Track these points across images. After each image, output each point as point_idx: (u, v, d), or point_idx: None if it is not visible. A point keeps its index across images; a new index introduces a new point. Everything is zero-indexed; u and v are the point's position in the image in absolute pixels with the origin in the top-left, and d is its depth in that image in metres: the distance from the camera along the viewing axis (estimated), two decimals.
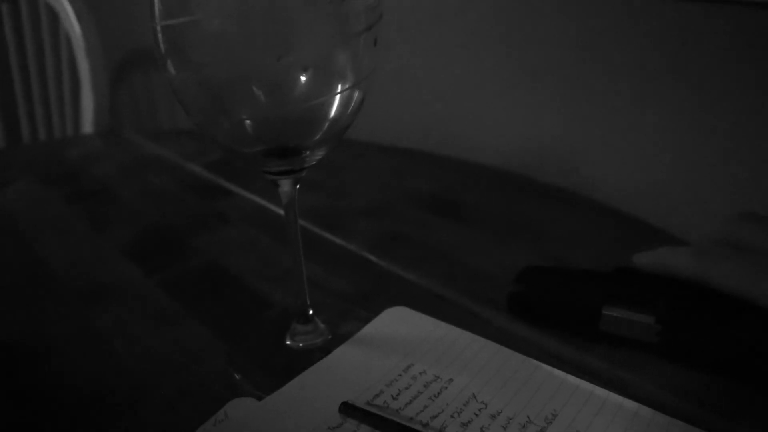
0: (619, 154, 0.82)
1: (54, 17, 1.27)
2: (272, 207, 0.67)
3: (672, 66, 0.74)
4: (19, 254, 0.62)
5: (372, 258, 0.58)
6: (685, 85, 0.73)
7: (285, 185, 0.40)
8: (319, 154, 0.38)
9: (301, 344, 0.45)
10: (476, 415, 0.38)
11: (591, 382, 0.41)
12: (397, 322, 0.47)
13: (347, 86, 0.35)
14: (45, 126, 1.41)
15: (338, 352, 0.44)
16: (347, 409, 0.38)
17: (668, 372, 0.43)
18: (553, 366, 0.42)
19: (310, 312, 0.45)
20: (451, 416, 0.38)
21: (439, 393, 0.40)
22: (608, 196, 0.78)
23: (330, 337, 0.46)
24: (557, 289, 0.48)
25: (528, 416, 0.38)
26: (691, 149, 0.75)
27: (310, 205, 0.66)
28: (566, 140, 0.87)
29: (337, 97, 0.35)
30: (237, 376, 0.43)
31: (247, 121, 0.36)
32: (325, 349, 0.44)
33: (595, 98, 0.82)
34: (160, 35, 0.35)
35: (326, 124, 0.36)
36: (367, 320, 0.47)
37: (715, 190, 0.75)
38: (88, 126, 1.20)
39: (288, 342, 0.45)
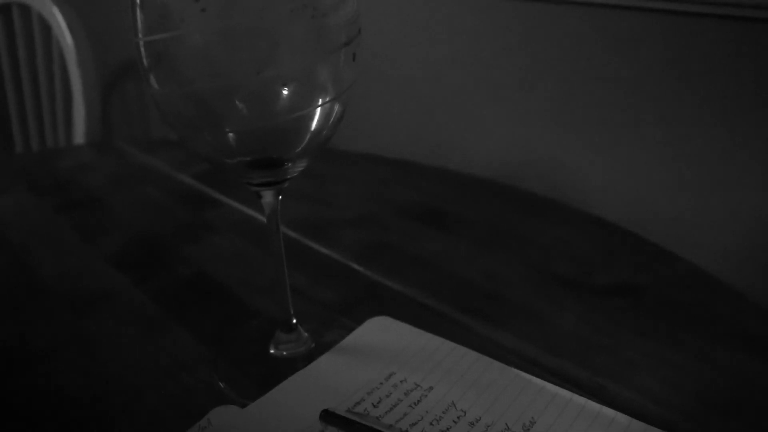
0: (604, 165, 0.83)
1: (46, 29, 1.28)
2: (259, 217, 0.68)
3: (659, 78, 0.75)
4: (9, 263, 0.62)
5: (357, 267, 0.58)
6: (672, 97, 0.74)
7: (267, 196, 0.40)
8: (301, 165, 0.39)
9: (284, 353, 0.46)
10: (455, 422, 0.39)
11: (570, 390, 0.41)
12: (380, 332, 0.47)
13: (328, 99, 0.36)
14: (37, 136, 1.41)
15: (321, 361, 0.44)
16: (328, 416, 0.38)
17: (648, 381, 0.43)
18: (533, 374, 0.43)
19: (294, 321, 0.46)
20: (431, 423, 0.38)
21: (419, 401, 0.40)
22: (593, 205, 0.78)
23: (313, 345, 0.46)
24: None
25: (506, 423, 0.38)
26: (678, 160, 0.76)
27: (296, 215, 0.67)
28: (552, 151, 0.88)
29: (318, 109, 0.36)
30: (221, 384, 0.44)
31: (230, 134, 0.37)
32: (308, 358, 0.45)
33: (582, 110, 0.83)
34: (142, 50, 0.35)
35: (308, 136, 0.37)
36: (350, 329, 0.48)
37: (701, 200, 0.76)
38: (79, 136, 1.20)
39: (272, 350, 0.46)
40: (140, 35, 0.35)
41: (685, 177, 0.76)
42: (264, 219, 0.42)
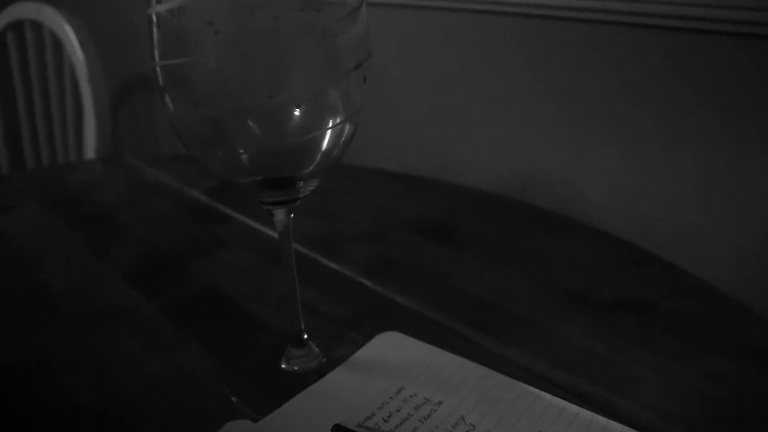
0: (610, 179, 0.84)
1: (58, 45, 1.29)
2: (269, 232, 0.69)
3: (664, 93, 0.76)
4: (22, 278, 0.63)
5: (366, 282, 0.59)
6: (677, 111, 0.75)
7: (279, 215, 0.41)
8: (312, 184, 0.40)
9: (295, 367, 0.46)
10: None
11: (577, 404, 0.42)
12: (389, 347, 0.48)
13: (339, 121, 0.37)
14: (48, 151, 1.43)
15: (332, 376, 0.45)
16: (339, 430, 0.39)
17: (654, 395, 0.44)
18: (540, 389, 0.43)
19: (305, 336, 0.47)
20: None
21: (428, 415, 0.41)
22: (599, 220, 0.79)
23: (324, 360, 0.47)
24: None
25: None
26: (684, 174, 0.77)
27: (305, 230, 0.68)
28: (558, 165, 0.88)
29: (329, 131, 0.37)
30: (233, 399, 0.44)
31: (243, 154, 0.37)
32: (319, 373, 0.45)
33: (588, 125, 0.84)
34: (159, 72, 0.36)
35: (319, 156, 0.38)
36: (360, 344, 0.48)
37: (706, 214, 0.76)
38: (90, 151, 1.21)
39: (283, 365, 0.47)
40: (156, 59, 0.35)
41: (690, 191, 0.76)
42: (274, 234, 0.43)
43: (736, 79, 0.70)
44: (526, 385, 0.43)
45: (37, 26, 1.33)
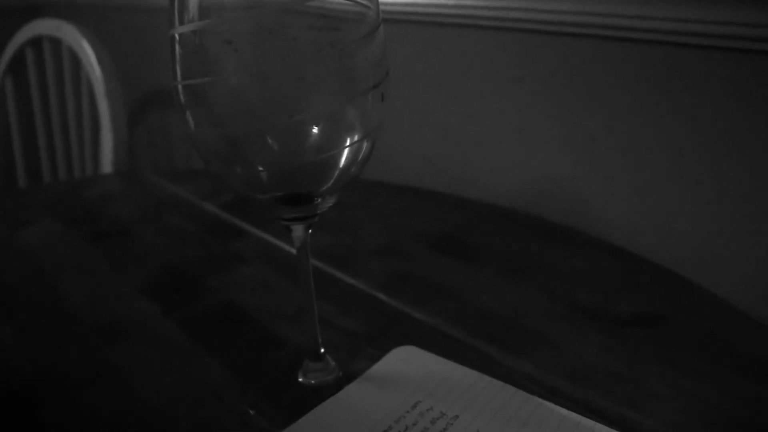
0: (624, 194, 0.84)
1: (76, 62, 1.31)
2: (286, 247, 0.69)
3: (679, 109, 0.76)
4: (40, 292, 0.64)
5: (382, 297, 0.60)
6: (691, 127, 0.75)
7: (298, 230, 0.42)
8: (330, 201, 0.40)
9: (312, 381, 0.47)
10: None
11: (592, 419, 0.42)
12: (406, 361, 0.48)
13: (356, 139, 0.37)
14: (65, 166, 1.45)
15: (349, 389, 0.45)
16: None
17: (671, 411, 0.44)
18: (556, 403, 0.43)
19: (322, 350, 0.47)
20: None
21: (445, 429, 0.41)
22: (614, 235, 0.79)
23: (341, 374, 0.47)
24: None
25: None
26: (698, 191, 0.77)
27: (321, 245, 0.68)
28: (573, 180, 0.89)
29: (347, 149, 0.38)
30: (251, 412, 0.45)
31: (261, 171, 0.38)
32: (336, 386, 0.46)
33: (602, 139, 0.84)
34: (180, 90, 0.37)
35: (336, 174, 0.39)
36: (376, 358, 0.49)
37: (720, 230, 0.76)
38: (107, 166, 1.23)
39: (300, 379, 0.47)
40: (179, 79, 0.36)
41: (704, 207, 0.76)
42: (291, 249, 0.44)
43: (755, 97, 0.70)
44: (541, 400, 0.44)
45: (56, 42, 1.35)
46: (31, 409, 0.47)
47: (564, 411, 0.43)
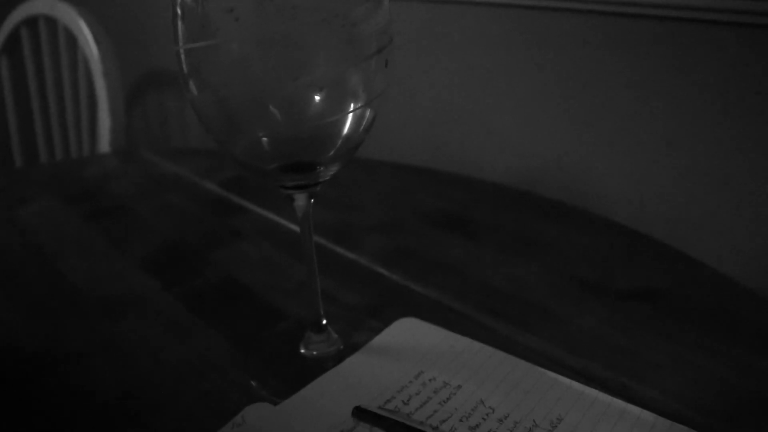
0: (624, 170, 0.84)
1: (72, 40, 1.30)
2: (285, 222, 0.69)
3: (679, 83, 0.76)
4: (41, 269, 0.64)
5: (383, 271, 0.60)
6: (693, 102, 0.75)
7: (300, 200, 0.42)
8: (333, 169, 0.40)
9: (314, 352, 0.47)
10: (484, 419, 0.39)
11: (595, 389, 0.42)
12: (408, 332, 0.48)
13: (359, 105, 0.37)
14: (62, 146, 1.44)
15: (351, 360, 0.45)
16: (360, 413, 0.39)
17: (672, 382, 0.44)
18: (559, 374, 0.43)
19: (324, 321, 0.47)
20: (460, 420, 0.39)
21: (448, 398, 0.41)
22: (613, 210, 0.79)
23: (342, 346, 0.47)
24: None
25: (534, 420, 0.39)
26: (698, 165, 0.77)
27: (323, 221, 0.68)
28: (573, 157, 0.89)
29: (350, 115, 0.37)
30: (253, 383, 0.45)
31: (264, 139, 0.38)
32: (338, 358, 0.46)
33: (602, 115, 0.84)
34: (182, 57, 0.37)
35: (339, 141, 0.38)
36: (378, 330, 0.49)
37: (721, 204, 0.76)
38: (104, 145, 1.22)
39: (302, 350, 0.47)
40: (180, 43, 0.36)
41: (705, 182, 0.76)
42: (289, 224, 0.43)
43: (754, 70, 0.70)
44: (544, 370, 0.44)
45: (51, 22, 1.33)
46: (32, 384, 0.47)
47: (566, 380, 0.43)
